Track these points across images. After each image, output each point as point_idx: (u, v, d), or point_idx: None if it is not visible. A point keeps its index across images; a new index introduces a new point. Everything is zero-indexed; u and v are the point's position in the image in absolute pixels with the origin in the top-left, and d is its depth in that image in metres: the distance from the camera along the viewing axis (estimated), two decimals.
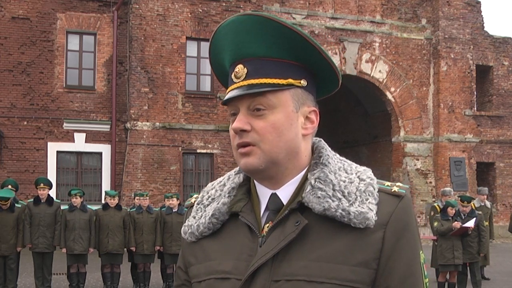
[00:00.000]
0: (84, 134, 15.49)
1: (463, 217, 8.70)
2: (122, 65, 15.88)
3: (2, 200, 8.54)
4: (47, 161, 15.17)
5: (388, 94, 18.37)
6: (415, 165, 18.47)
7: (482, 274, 10.34)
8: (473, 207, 9.48)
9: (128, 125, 15.42)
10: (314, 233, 1.10)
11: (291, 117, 1.14)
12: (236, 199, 1.19)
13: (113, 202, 9.35)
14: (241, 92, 1.13)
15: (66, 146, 15.37)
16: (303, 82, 1.16)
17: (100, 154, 15.69)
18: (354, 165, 1.20)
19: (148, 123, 15.52)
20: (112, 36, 15.73)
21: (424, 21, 18.97)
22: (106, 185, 15.34)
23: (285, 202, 1.15)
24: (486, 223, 10.08)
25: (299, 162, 1.17)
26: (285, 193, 1.16)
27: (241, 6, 16.24)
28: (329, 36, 17.70)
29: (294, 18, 17.27)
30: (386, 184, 1.16)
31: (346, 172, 1.16)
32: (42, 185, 9.01)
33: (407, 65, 18.59)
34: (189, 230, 1.22)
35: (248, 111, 1.14)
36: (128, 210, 9.65)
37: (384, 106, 18.88)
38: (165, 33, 15.76)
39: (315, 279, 1.06)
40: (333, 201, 1.10)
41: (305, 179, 1.15)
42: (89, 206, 9.45)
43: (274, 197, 1.16)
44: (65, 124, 15.31)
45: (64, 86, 15.51)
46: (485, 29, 19.90)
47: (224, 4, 16.23)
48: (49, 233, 8.86)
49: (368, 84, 18.44)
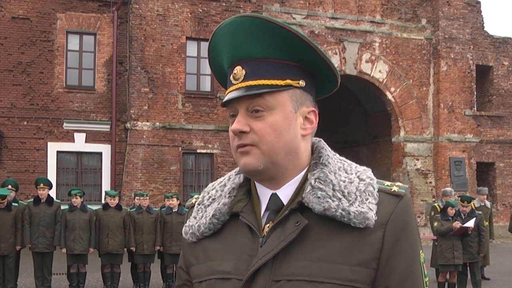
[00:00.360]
0: (84, 134, 15.49)
1: (463, 217, 8.70)
2: (122, 65, 15.89)
3: None
4: (47, 161, 15.17)
5: (388, 94, 18.37)
6: (415, 165, 18.47)
7: (482, 274, 10.34)
8: (473, 207, 9.48)
9: (128, 125, 15.42)
10: (314, 233, 1.11)
11: (290, 118, 1.14)
12: (237, 200, 1.20)
13: (113, 202, 9.35)
14: (239, 94, 1.13)
15: (66, 146, 15.37)
16: (302, 83, 1.16)
17: (100, 154, 15.69)
18: (354, 165, 1.20)
19: (148, 123, 15.52)
20: (112, 36, 15.73)
21: (424, 21, 18.98)
22: (106, 185, 15.34)
23: (286, 202, 1.15)
24: (486, 223, 10.08)
25: (299, 163, 1.17)
26: (285, 193, 1.16)
27: (241, 6, 16.24)
28: (329, 36, 17.70)
29: (294, 18, 17.28)
30: (386, 184, 1.17)
31: (346, 172, 1.17)
32: (42, 185, 9.02)
33: (407, 65, 18.60)
34: (190, 231, 1.23)
35: (247, 113, 1.14)
36: (128, 210, 9.65)
37: (384, 106, 18.88)
38: (165, 33, 15.77)
39: (316, 279, 1.07)
40: (333, 201, 1.10)
41: (305, 179, 1.16)
42: (89, 206, 9.45)
43: (275, 197, 1.17)
44: (65, 124, 15.31)
45: (64, 86, 15.51)
46: (485, 29, 19.91)
47: (224, 4, 16.23)
48: (49, 233, 8.86)
49: (368, 84, 18.44)
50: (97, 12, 15.76)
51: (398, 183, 1.17)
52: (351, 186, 1.13)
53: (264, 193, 1.18)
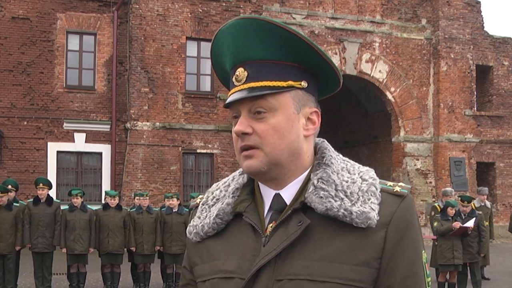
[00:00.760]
0: (84, 134, 15.49)
1: (463, 217, 8.70)
2: (122, 65, 15.88)
3: None
4: (47, 161, 15.17)
5: (388, 94, 18.38)
6: (415, 165, 18.47)
7: (482, 274, 10.35)
8: (473, 207, 9.48)
9: (128, 125, 15.42)
10: (317, 233, 1.11)
11: (292, 119, 1.15)
12: (240, 200, 1.21)
13: (113, 202, 9.35)
14: (242, 96, 1.14)
15: (66, 146, 15.36)
16: (304, 84, 1.17)
17: (100, 154, 15.69)
18: (357, 165, 1.20)
19: (148, 123, 15.52)
20: (112, 36, 15.73)
21: (424, 21, 18.98)
22: (106, 185, 15.34)
23: (289, 202, 1.16)
24: (486, 223, 10.08)
25: (302, 163, 1.18)
26: (289, 194, 1.17)
27: (241, 6, 16.23)
28: (329, 36, 17.70)
29: (294, 18, 17.27)
30: (389, 184, 1.17)
31: (349, 172, 1.17)
32: (42, 185, 9.01)
33: (407, 65, 18.60)
34: (194, 230, 1.24)
35: (250, 114, 1.15)
36: (128, 210, 9.64)
37: (384, 106, 18.89)
38: (165, 33, 15.77)
39: (318, 279, 1.07)
40: (336, 201, 1.11)
41: (308, 180, 1.16)
42: (89, 206, 9.46)
43: (278, 198, 1.17)
44: (65, 124, 15.31)
45: (64, 86, 15.51)
46: (485, 29, 19.91)
47: (224, 4, 16.23)
48: (49, 233, 8.86)
49: (368, 84, 18.45)
50: (97, 12, 15.76)
51: (401, 183, 1.18)
52: (354, 186, 1.14)
53: (268, 193, 1.19)
